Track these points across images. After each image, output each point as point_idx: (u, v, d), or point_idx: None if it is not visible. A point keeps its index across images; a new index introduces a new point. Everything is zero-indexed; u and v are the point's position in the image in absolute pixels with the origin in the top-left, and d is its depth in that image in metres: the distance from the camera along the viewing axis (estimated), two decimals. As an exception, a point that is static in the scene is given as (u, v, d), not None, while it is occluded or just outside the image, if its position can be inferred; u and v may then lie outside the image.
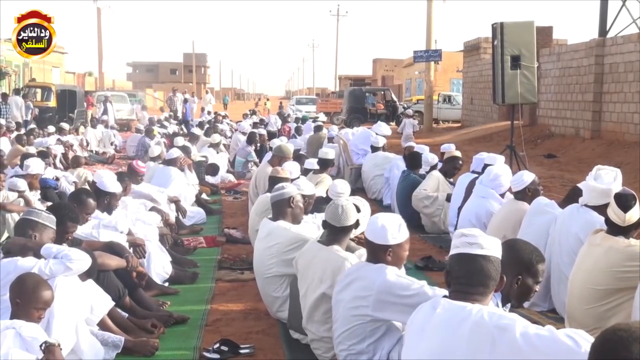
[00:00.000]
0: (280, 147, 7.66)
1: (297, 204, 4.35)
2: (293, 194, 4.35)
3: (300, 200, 4.39)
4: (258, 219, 5.17)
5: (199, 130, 14.28)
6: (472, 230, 2.29)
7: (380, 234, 2.95)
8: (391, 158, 9.87)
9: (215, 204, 9.43)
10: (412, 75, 48.25)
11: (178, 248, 6.27)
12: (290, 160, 7.23)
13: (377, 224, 2.97)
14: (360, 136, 11.98)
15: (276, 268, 4.20)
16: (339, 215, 3.49)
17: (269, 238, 4.24)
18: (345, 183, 5.35)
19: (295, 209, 4.33)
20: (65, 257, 3.36)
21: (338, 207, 3.52)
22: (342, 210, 3.50)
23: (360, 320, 2.94)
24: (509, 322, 2.06)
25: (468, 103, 27.28)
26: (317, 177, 7.11)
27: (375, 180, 9.94)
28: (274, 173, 5.85)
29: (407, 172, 7.96)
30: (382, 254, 2.97)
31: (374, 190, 10.01)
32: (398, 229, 2.97)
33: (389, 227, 2.95)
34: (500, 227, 5.02)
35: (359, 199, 4.40)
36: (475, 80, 26.27)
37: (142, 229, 5.28)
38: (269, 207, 4.69)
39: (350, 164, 11.21)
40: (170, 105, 28.36)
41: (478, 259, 2.23)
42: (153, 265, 5.12)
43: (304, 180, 5.25)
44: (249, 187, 8.03)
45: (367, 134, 11.59)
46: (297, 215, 4.34)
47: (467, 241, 2.25)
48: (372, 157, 10.27)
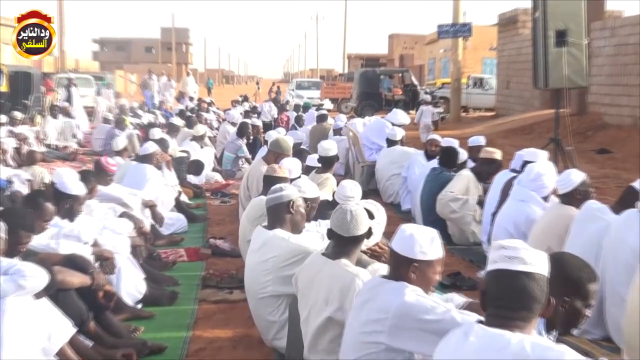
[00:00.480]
0: (278, 141, 7.73)
1: (298, 209, 4.40)
2: (293, 197, 4.40)
3: (301, 205, 4.45)
4: (250, 227, 5.23)
5: (179, 121, 14.24)
6: (513, 242, 2.30)
7: (407, 245, 2.99)
8: (411, 154, 9.95)
9: (199, 209, 9.55)
10: (436, 54, 48.36)
11: (154, 262, 6.34)
12: (289, 156, 7.30)
13: (405, 232, 3.02)
14: (374, 127, 12.04)
15: (272, 287, 4.25)
16: (348, 223, 3.52)
17: (263, 250, 4.30)
18: (355, 184, 5.40)
19: (296, 215, 4.40)
20: (18, 273, 3.38)
21: (347, 212, 3.55)
22: (352, 216, 3.53)
23: (372, 348, 2.94)
24: (556, 356, 2.07)
25: (503, 87, 27.32)
26: (320, 176, 7.17)
27: (392, 181, 10.04)
28: (269, 172, 5.91)
29: (439, 170, 8.00)
30: (405, 269, 2.99)
31: (390, 192, 10.10)
32: (430, 242, 3.00)
33: (418, 238, 2.99)
34: (543, 237, 5.05)
35: (372, 202, 4.30)
36: (512, 60, 26.30)
37: (111, 239, 5.31)
38: (263, 213, 4.76)
39: (362, 160, 11.28)
40: (146, 90, 28.34)
41: (520, 277, 2.24)
42: (124, 283, 5.15)
43: (305, 180, 5.26)
44: (239, 189, 8.09)
45: (382, 124, 11.66)
46: (297, 222, 4.40)
47: (507, 255, 2.26)
48: (387, 152, 10.35)
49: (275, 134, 10.23)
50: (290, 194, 4.41)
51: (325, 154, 7.57)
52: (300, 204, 4.45)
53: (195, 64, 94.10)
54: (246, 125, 13.13)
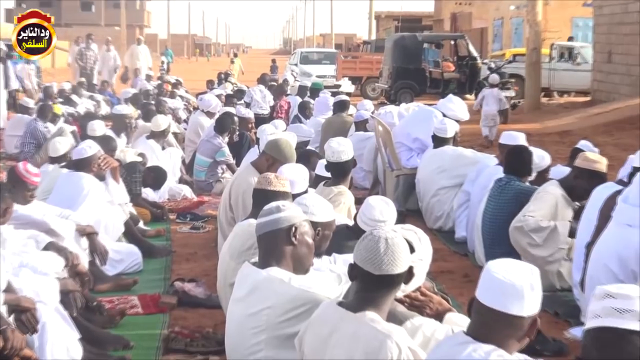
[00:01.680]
0: (275, 141, 7.73)
1: (303, 239, 4.45)
2: (296, 220, 4.45)
3: (308, 232, 4.50)
4: (234, 264, 5.28)
5: (130, 110, 14.23)
6: (624, 288, 2.33)
7: (509, 296, 3.15)
8: (471, 158, 10.04)
9: (160, 238, 9.61)
10: (505, 12, 48.47)
11: (94, 315, 6.33)
12: (291, 161, 7.31)
13: (501, 275, 3.18)
14: (415, 119, 12.07)
15: (265, 351, 4.26)
16: (381, 256, 3.61)
17: (253, 298, 4.34)
18: (387, 202, 5.47)
19: (300, 246, 4.45)
20: None
21: (380, 241, 3.63)
22: (387, 247, 3.62)
23: None
24: None
25: (603, 61, 27.14)
26: (331, 191, 7.26)
27: (441, 197, 10.09)
28: (262, 184, 5.89)
29: (505, 181, 8.03)
30: (507, 329, 3.18)
31: (437, 213, 10.15)
32: (531, 291, 3.19)
33: (526, 284, 3.16)
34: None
35: (412, 229, 4.33)
36: (617, 21, 26.13)
37: (32, 281, 5.30)
38: (253, 244, 4.81)
39: (397, 167, 11.31)
40: (82, 63, 28.16)
41: (634, 340, 2.28)
42: (50, 345, 5.13)
43: (314, 197, 5.30)
44: (218, 209, 8.11)
45: (427, 115, 11.69)
46: (302, 257, 4.46)
47: (615, 307, 2.31)
48: (434, 156, 10.38)
49: (270, 128, 10.26)
50: (292, 217, 4.45)
51: (336, 158, 7.59)
52: (307, 231, 4.49)
53: (155, 28, 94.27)
54: (229, 116, 13.17)
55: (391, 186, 11.26)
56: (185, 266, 8.50)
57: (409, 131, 11.74)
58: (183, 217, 10.89)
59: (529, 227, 7.44)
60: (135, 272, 8.15)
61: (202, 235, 10.07)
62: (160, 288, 7.65)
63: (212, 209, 10.71)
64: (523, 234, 7.48)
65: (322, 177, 7.79)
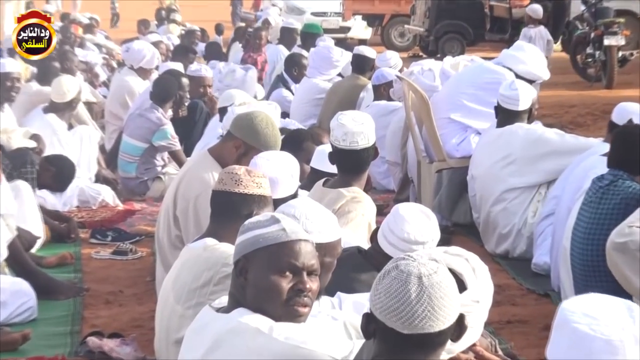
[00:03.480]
0: (248, 117, 6.39)
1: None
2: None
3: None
4: (182, 308, 4.63)
5: (17, 66, 11.78)
6: None
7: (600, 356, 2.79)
8: (558, 144, 8.14)
9: (66, 268, 8.21)
10: None
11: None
12: (271, 147, 6.12)
13: (585, 324, 2.78)
14: (469, 82, 9.59)
15: None
16: (411, 306, 3.03)
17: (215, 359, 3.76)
18: (424, 214, 4.72)
19: None
20: None
21: (409, 280, 3.07)
22: (420, 290, 3.06)
23: None
24: None
25: None
26: (339, 195, 6.03)
27: (508, 205, 8.06)
28: (227, 183, 4.89)
29: (609, 179, 6.60)
30: None
31: (503, 229, 8.20)
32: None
33: (628, 336, 2.75)
34: None
35: (462, 254, 3.75)
36: None
37: None
38: (213, 278, 4.46)
39: (438, 157, 9.26)
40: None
41: None
42: None
43: (307, 204, 4.48)
44: (157, 223, 6.89)
45: (488, 75, 9.36)
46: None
47: None
48: (500, 139, 8.39)
49: (240, 96, 8.73)
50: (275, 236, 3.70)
51: (349, 143, 6.12)
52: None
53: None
54: (173, 77, 11.08)
55: (429, 187, 9.12)
56: (104, 313, 7.12)
57: (458, 100, 9.24)
58: (101, 236, 8.97)
59: (636, 245, 6.09)
60: (26, 321, 6.80)
61: (131, 263, 8.39)
62: (64, 347, 6.33)
63: (147, 223, 9.04)
64: (627, 254, 6.13)
65: (322, 173, 6.49)
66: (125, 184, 10.28)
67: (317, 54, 12.65)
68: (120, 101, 11.87)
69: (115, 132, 11.28)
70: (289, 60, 13.18)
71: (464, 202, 8.69)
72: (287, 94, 11.44)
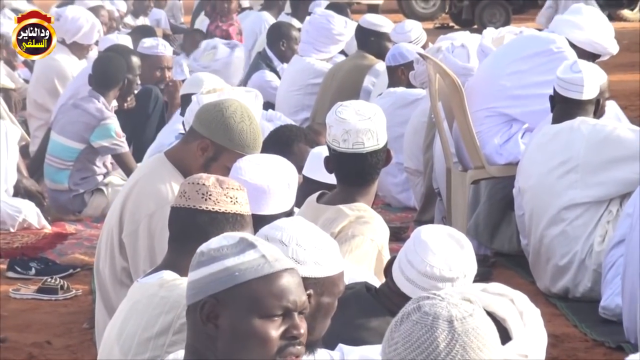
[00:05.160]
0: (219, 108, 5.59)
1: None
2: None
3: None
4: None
5: None
6: None
7: None
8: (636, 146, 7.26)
9: None
10: None
11: None
12: (251, 150, 5.36)
13: None
14: (517, 60, 8.44)
15: None
16: (438, 352, 2.64)
17: None
18: (455, 240, 4.06)
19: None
20: None
21: (436, 326, 2.69)
22: (451, 339, 2.68)
23: None
24: None
25: None
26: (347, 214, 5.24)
27: (569, 227, 7.10)
28: (191, 198, 4.21)
29: None
30: None
31: (561, 261, 7.19)
32: None
33: None
34: None
35: (506, 293, 3.30)
36: None
37: None
38: (172, 324, 3.89)
39: (474, 163, 8.23)
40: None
41: None
42: None
43: (300, 225, 3.80)
44: (96, 251, 5.99)
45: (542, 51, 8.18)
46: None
47: None
48: (556, 139, 7.37)
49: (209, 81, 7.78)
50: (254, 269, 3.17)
51: (352, 144, 5.31)
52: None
53: None
54: (120, 55, 9.87)
55: (462, 204, 8.08)
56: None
57: (499, 85, 8.16)
58: (22, 268, 8.15)
59: None
60: None
61: (62, 305, 7.60)
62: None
63: (83, 251, 8.09)
64: None
65: (317, 184, 5.69)
66: (55, 199, 9.03)
67: (312, 25, 10.96)
68: (47, 87, 10.68)
69: (42, 128, 10.05)
70: (274, 32, 11.47)
71: (509, 224, 7.57)
72: (271, 78, 10.01)
